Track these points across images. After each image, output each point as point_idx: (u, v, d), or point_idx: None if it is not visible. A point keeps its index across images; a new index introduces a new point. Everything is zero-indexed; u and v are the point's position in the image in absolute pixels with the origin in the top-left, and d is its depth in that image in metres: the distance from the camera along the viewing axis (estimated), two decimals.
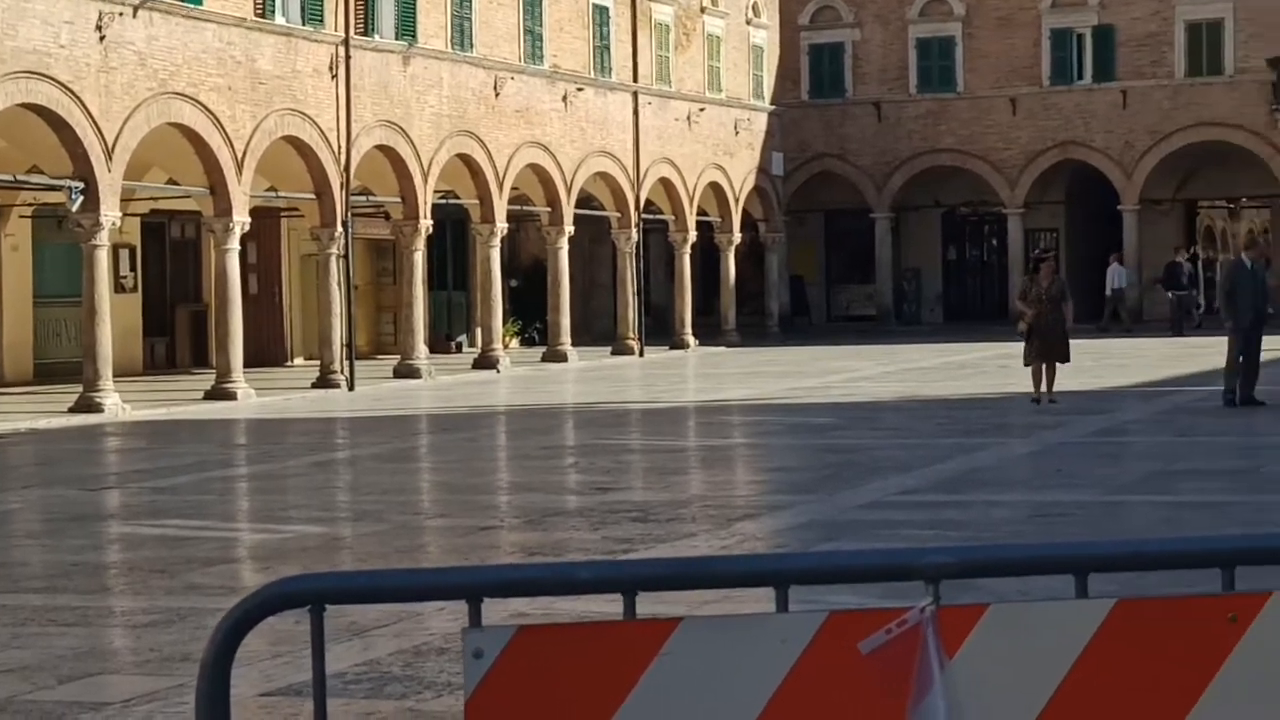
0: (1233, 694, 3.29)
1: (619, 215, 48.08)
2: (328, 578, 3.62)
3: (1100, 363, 37.63)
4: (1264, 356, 26.06)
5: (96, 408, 29.89)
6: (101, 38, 30.59)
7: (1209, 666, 3.28)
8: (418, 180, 39.06)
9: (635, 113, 48.04)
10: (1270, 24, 54.52)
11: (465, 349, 48.56)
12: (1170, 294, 51.03)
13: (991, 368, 36.76)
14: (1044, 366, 26.77)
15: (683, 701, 3.29)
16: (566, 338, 44.88)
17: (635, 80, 48.13)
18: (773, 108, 56.59)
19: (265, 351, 42.92)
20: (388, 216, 41.22)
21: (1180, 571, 3.57)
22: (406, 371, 38.72)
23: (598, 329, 54.23)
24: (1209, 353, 26.43)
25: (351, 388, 35.77)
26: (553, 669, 3.30)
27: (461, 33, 41.07)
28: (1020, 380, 28.42)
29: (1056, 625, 3.26)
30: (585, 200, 47.14)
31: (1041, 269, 27.38)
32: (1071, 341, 27.61)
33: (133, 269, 40.95)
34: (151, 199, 37.71)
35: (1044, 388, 26.84)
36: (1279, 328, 28.24)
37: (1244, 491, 16.96)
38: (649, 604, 3.51)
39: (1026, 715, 3.23)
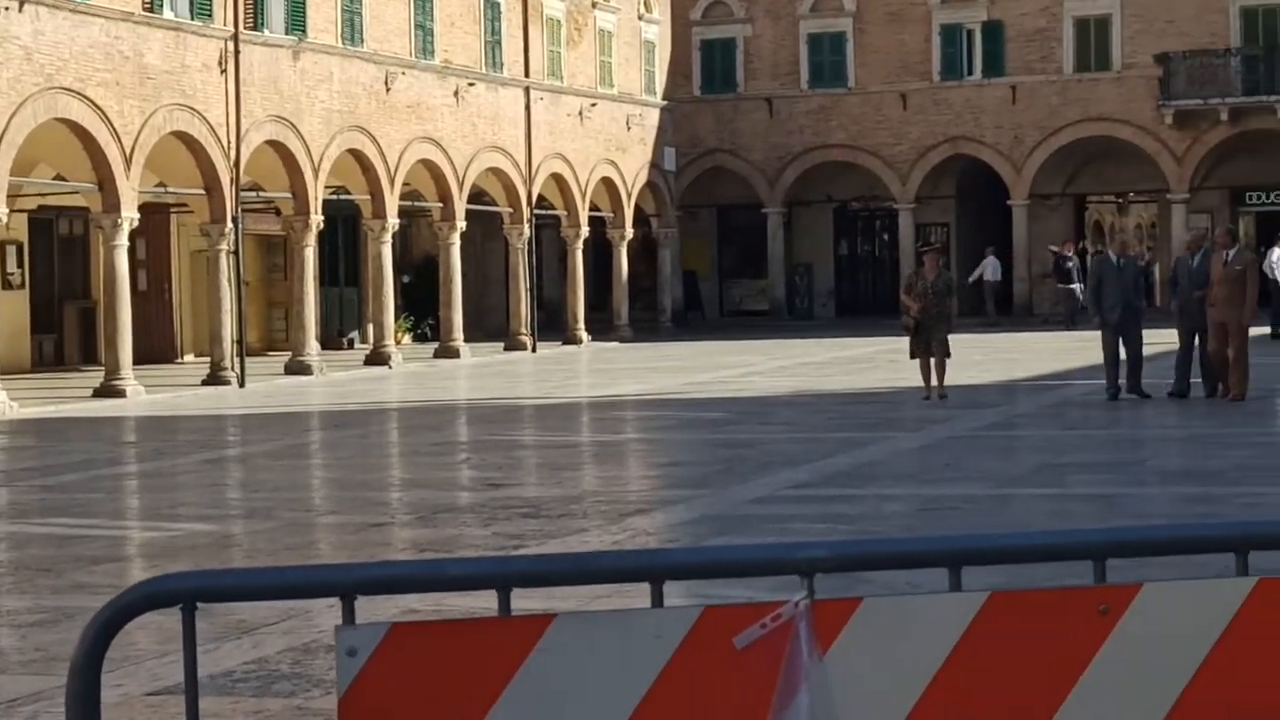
0: (1105, 685, 3.32)
1: (511, 211, 48.00)
2: (197, 576, 3.58)
3: (991, 356, 37.89)
4: (1149, 350, 26.31)
5: None
6: None
7: (1081, 658, 3.30)
8: (308, 176, 38.84)
9: (527, 108, 47.98)
10: (1157, 19, 55.08)
11: (357, 345, 48.35)
12: (1059, 287, 51.58)
13: (883, 362, 36.92)
14: (931, 361, 26.49)
15: (558, 697, 3.28)
16: (459, 334, 44.76)
17: (527, 75, 48.06)
18: (665, 103, 56.66)
19: (155, 348, 42.56)
20: (278, 212, 40.97)
21: (1065, 564, 3.60)
22: (298, 368, 38.50)
23: (490, 325, 54.12)
24: (1098, 346, 26.62)
25: (242, 384, 35.53)
26: (427, 666, 3.28)
27: (352, 27, 40.88)
28: (911, 374, 28.57)
29: (931, 618, 3.27)
30: (477, 196, 47.02)
31: (926, 262, 26.97)
32: (965, 336, 27.85)
33: (20, 265, 40.50)
34: (39, 195, 37.31)
35: (933, 382, 26.61)
36: (1163, 322, 28.48)
37: (1129, 484, 17.13)
38: (551, 601, 3.50)
39: (901, 708, 3.25)
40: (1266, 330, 39.66)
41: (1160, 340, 29.00)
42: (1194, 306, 25.15)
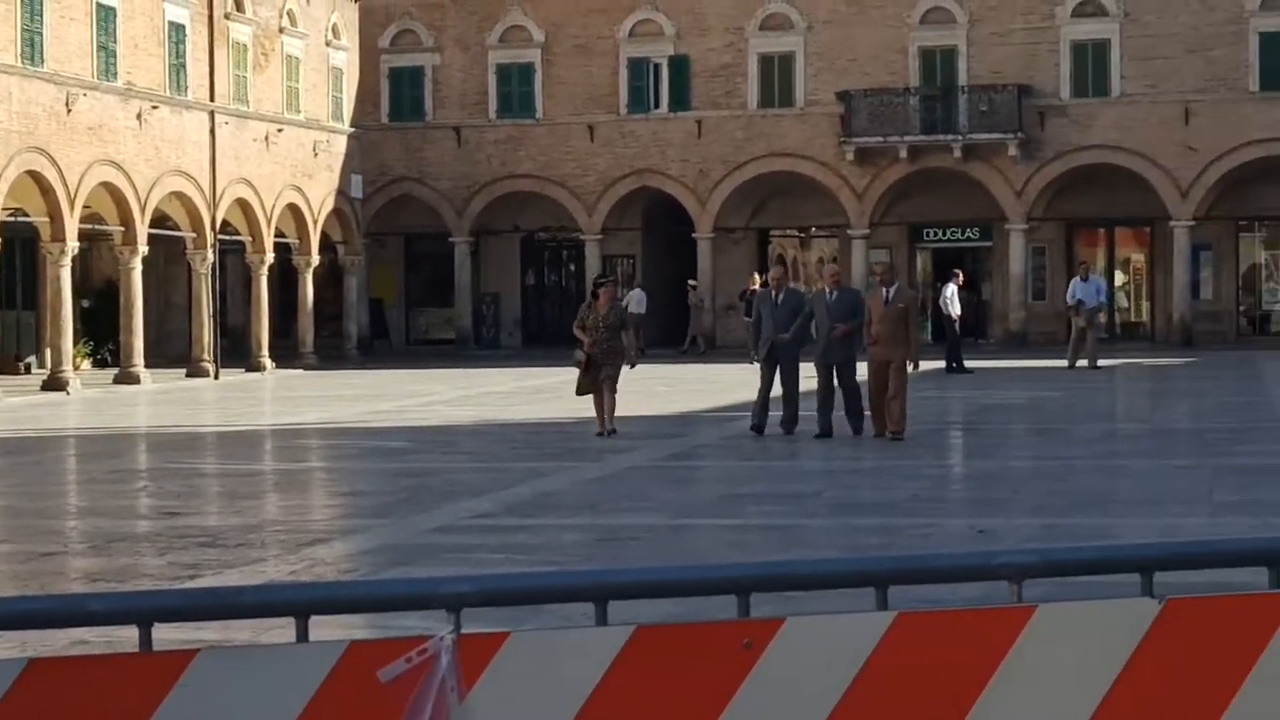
0: (748, 718, 3.38)
1: (195, 235, 47.30)
2: None
3: (675, 388, 38.30)
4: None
5: None
6: None
7: (725, 691, 3.36)
8: None
9: (212, 132, 47.35)
10: (839, 58, 56.21)
11: (34, 370, 47.19)
12: (746, 319, 52.18)
13: (567, 392, 36.95)
14: (604, 397, 25.82)
15: None
16: (140, 359, 43.95)
17: (212, 99, 47.42)
18: (352, 130, 56.33)
19: None
20: None
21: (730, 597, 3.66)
22: None
23: (173, 351, 53.24)
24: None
25: None
26: (66, 703, 3.22)
27: (32, 47, 39.96)
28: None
29: (578, 652, 3.29)
30: (160, 220, 46.26)
31: (600, 295, 26.19)
32: (652, 366, 27.87)
33: None
34: None
35: (606, 418, 25.92)
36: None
37: (806, 515, 17.42)
38: (202, 633, 3.45)
39: None
40: (942, 365, 40.65)
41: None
42: (834, 344, 24.78)
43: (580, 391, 26.01)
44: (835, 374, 25.03)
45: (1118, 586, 4.15)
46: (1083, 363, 41.66)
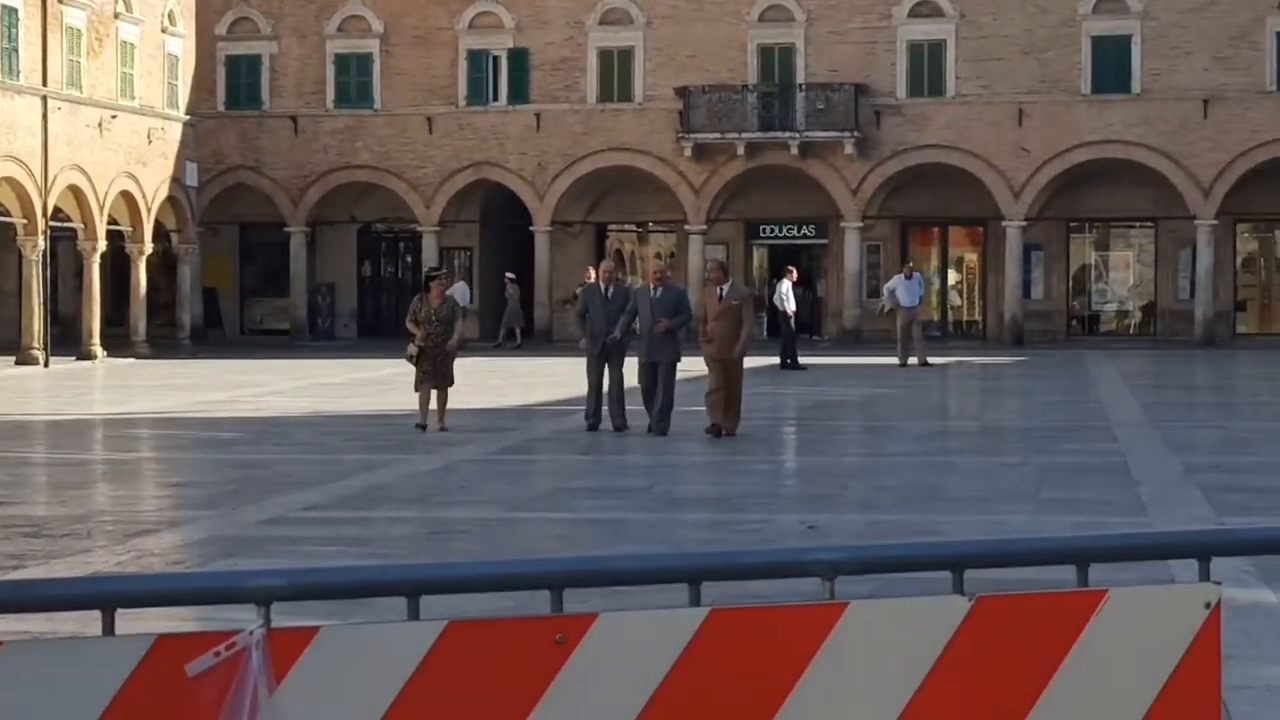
0: (560, 714, 3.39)
1: (25, 222, 46.61)
2: None
3: (510, 381, 38.28)
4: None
5: None
6: None
7: (537, 687, 3.37)
8: None
9: (44, 117, 46.68)
10: (678, 54, 56.39)
11: None
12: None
13: (402, 384, 36.83)
14: (434, 392, 25.58)
15: None
16: None
17: (45, 84, 46.74)
18: (188, 117, 55.75)
19: None
20: None
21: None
22: None
23: (2, 339, 52.42)
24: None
25: None
26: None
27: None
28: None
29: (388, 647, 3.29)
30: None
31: (432, 288, 25.78)
32: (481, 359, 27.77)
33: None
34: None
35: (435, 414, 25.63)
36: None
37: (638, 509, 17.48)
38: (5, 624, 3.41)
39: None
40: (776, 361, 40.91)
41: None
42: (657, 341, 24.39)
43: (419, 385, 25.65)
44: (658, 372, 24.70)
45: (936, 583, 4.21)
46: (914, 360, 42.12)
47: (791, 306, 41.66)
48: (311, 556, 14.08)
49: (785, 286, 41.83)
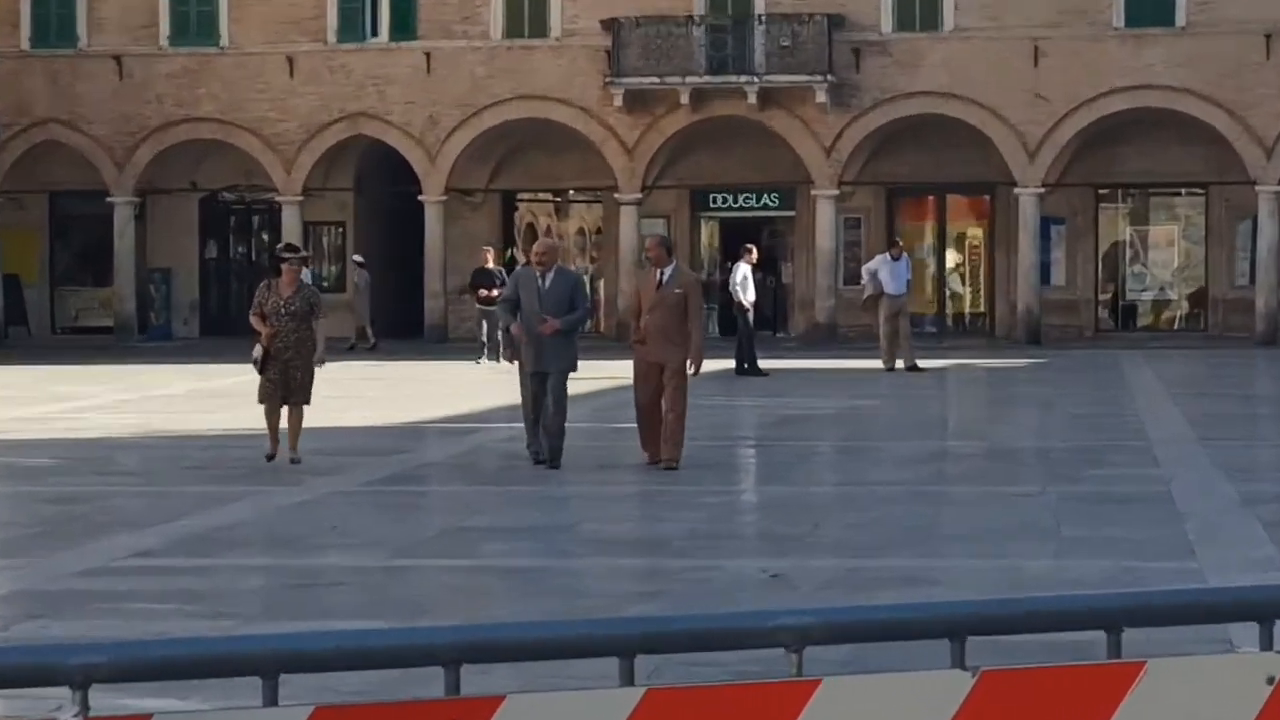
0: None
1: None
2: None
3: (394, 391, 38.23)
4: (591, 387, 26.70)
5: None
6: None
7: None
8: None
9: None
10: None
11: None
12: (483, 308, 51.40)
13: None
14: (284, 410, 24.44)
15: None
16: None
17: None
18: None
19: None
20: None
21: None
22: None
23: None
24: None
25: None
26: None
27: None
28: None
29: None
30: None
31: (283, 272, 24.56)
32: (355, 364, 27.36)
33: None
34: None
35: (286, 442, 24.49)
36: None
37: (558, 555, 17.49)
38: None
39: None
40: (731, 365, 40.91)
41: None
42: (547, 344, 23.40)
43: (263, 399, 24.60)
44: (547, 384, 23.60)
45: (925, 652, 4.23)
46: (901, 363, 42.21)
47: (750, 296, 41.68)
48: (141, 618, 14.04)
49: (743, 271, 41.78)
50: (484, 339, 45.71)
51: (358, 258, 56.38)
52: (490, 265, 47.49)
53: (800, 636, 3.83)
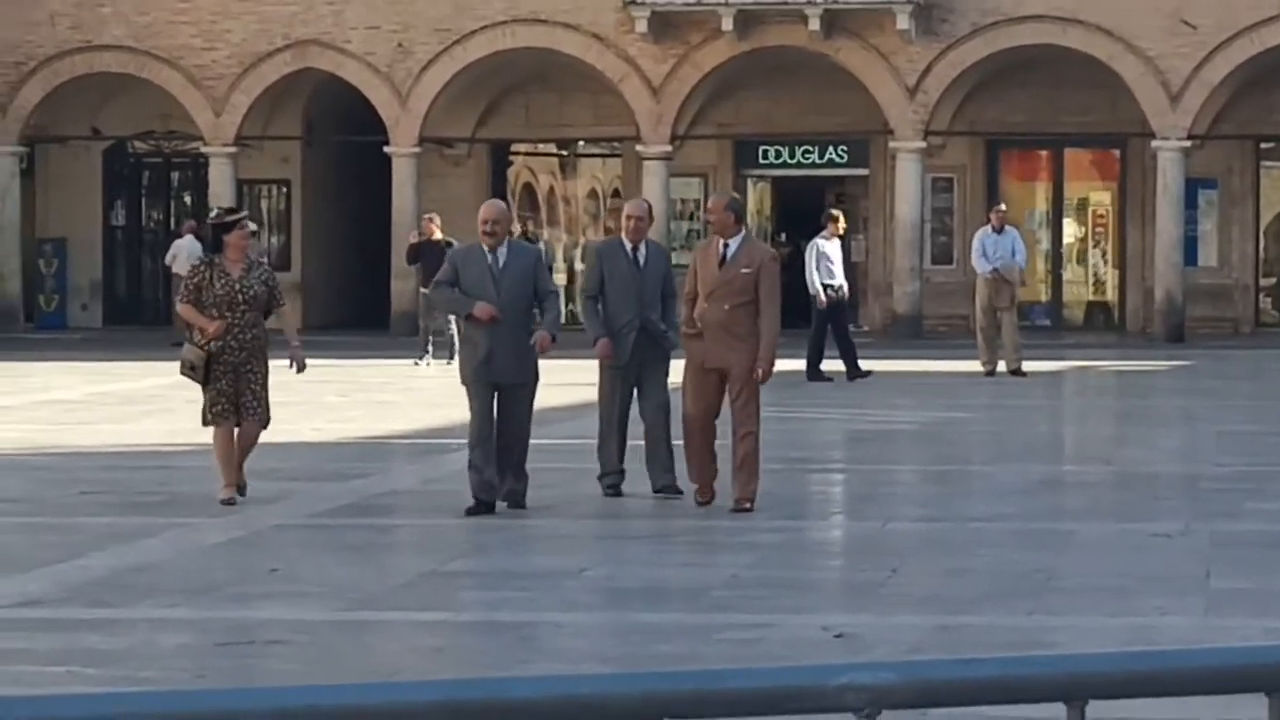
0: None
1: None
2: None
3: (351, 397, 38.27)
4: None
5: None
6: None
7: None
8: None
9: None
10: None
11: None
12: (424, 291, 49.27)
13: (177, 401, 36.89)
14: (237, 430, 23.22)
15: None
16: None
17: None
18: None
19: None
20: None
21: None
22: None
23: None
24: None
25: None
26: None
27: None
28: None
29: None
30: None
31: (229, 244, 23.33)
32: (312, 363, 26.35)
33: None
34: None
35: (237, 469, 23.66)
36: None
37: (558, 606, 17.50)
38: None
39: None
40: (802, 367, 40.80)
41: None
42: (505, 349, 22.29)
43: (213, 419, 23.24)
44: (502, 400, 22.78)
45: None
46: (1003, 365, 42.11)
47: (839, 278, 41.35)
48: (28, 683, 14.08)
49: (824, 249, 41.32)
50: (431, 333, 45.13)
51: (253, 225, 55.29)
52: (439, 237, 45.90)
53: (874, 698, 3.84)
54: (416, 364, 44.90)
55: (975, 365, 42.62)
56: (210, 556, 20.35)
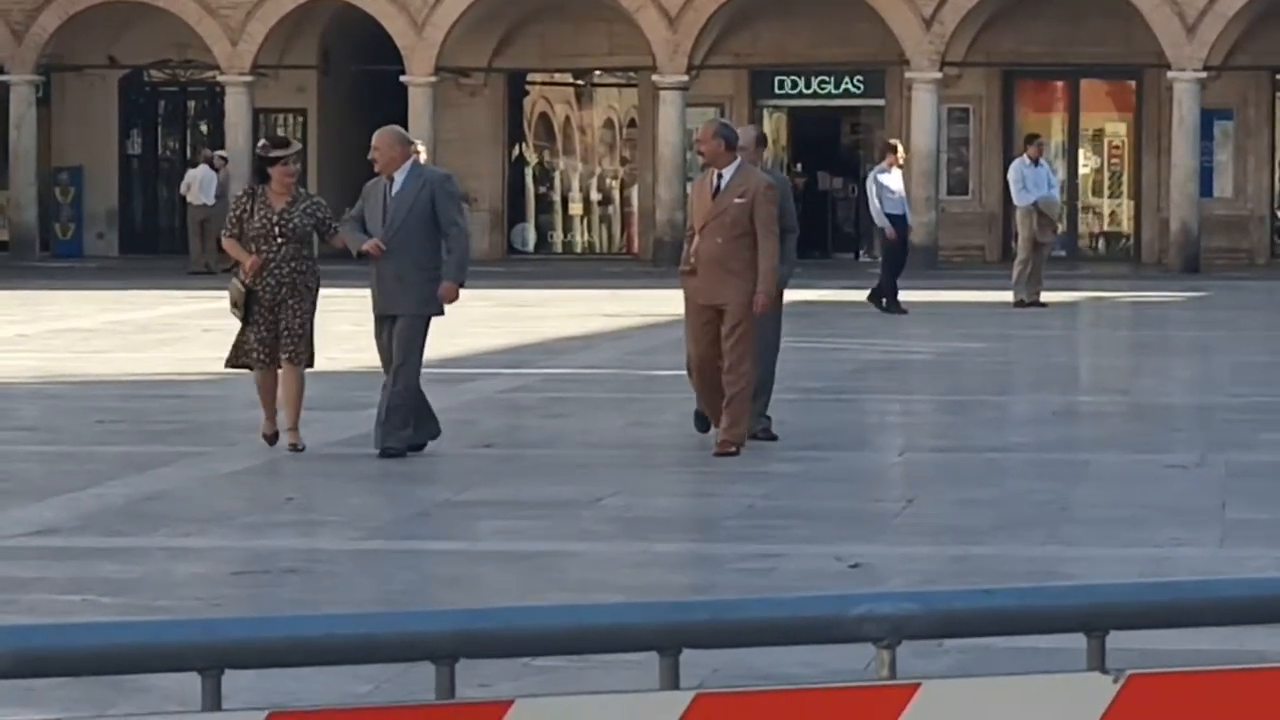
0: None
1: None
2: None
3: (365, 326, 38.17)
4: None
5: None
6: None
7: None
8: None
9: None
10: None
11: None
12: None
13: (193, 331, 36.95)
14: (279, 372, 22.16)
15: None
16: None
17: None
18: None
19: None
20: None
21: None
22: None
23: None
24: (538, 311, 27.05)
25: None
26: None
27: None
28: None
29: None
30: None
31: (274, 176, 22.19)
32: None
33: None
34: None
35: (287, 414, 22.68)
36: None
37: (574, 536, 17.49)
38: None
39: None
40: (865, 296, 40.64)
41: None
42: (392, 279, 21.97)
43: (233, 361, 22.48)
44: (395, 336, 22.27)
45: (1054, 654, 4.21)
46: (1022, 295, 41.94)
47: (905, 208, 41.07)
48: (44, 612, 14.09)
49: (889, 181, 40.89)
50: None
51: (221, 153, 55.14)
52: (421, 156, 45.63)
53: (894, 628, 3.82)
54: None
55: (990, 295, 42.55)
56: (226, 485, 20.36)
